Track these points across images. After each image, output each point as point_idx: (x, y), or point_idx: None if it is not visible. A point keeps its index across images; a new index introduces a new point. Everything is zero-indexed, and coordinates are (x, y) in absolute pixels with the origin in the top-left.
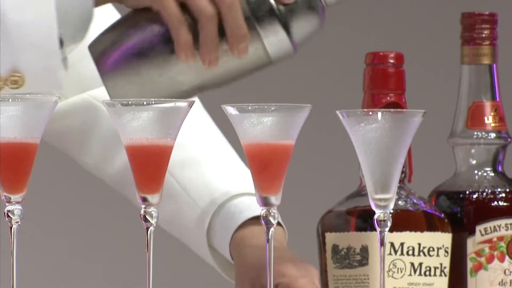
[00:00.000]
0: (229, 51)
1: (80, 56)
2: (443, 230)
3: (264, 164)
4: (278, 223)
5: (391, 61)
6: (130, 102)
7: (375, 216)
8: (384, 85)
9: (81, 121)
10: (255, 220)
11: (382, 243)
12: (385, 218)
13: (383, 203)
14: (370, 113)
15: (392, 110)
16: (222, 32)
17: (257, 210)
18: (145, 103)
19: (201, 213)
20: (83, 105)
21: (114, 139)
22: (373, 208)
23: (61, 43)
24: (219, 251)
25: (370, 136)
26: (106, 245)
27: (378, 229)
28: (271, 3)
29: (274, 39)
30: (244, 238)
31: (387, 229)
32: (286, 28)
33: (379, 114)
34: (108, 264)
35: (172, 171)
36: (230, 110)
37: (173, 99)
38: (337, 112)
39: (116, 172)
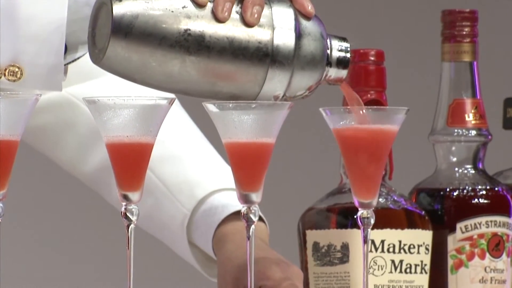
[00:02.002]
0: (240, 15)
1: None
2: (423, 227)
3: (244, 161)
4: (261, 219)
5: (372, 58)
6: (110, 99)
7: (359, 214)
8: (365, 82)
9: (57, 118)
10: (238, 215)
11: (365, 241)
12: (369, 215)
13: (367, 201)
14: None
15: (375, 107)
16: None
17: (239, 205)
18: (125, 100)
19: (181, 207)
20: (60, 101)
21: (90, 137)
22: (357, 205)
23: (66, 49)
24: (200, 247)
25: (353, 133)
26: (91, 242)
27: (362, 227)
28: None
29: (282, 34)
30: (227, 234)
31: (370, 226)
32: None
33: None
34: (91, 262)
35: (152, 166)
36: (211, 107)
37: (154, 97)
38: (320, 109)
39: (91, 171)
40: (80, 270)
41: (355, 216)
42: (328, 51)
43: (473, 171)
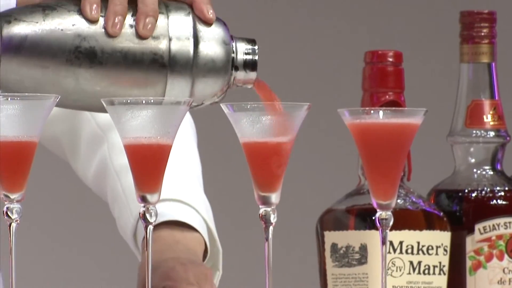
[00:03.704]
0: (134, 28)
1: None
2: (442, 228)
3: (262, 162)
4: (195, 230)
5: (390, 59)
6: (129, 101)
7: (377, 215)
8: (383, 83)
9: (68, 127)
10: (169, 225)
11: (383, 242)
12: (387, 216)
13: (385, 202)
14: (372, 111)
15: (393, 108)
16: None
17: (172, 215)
18: (144, 101)
19: (130, 216)
20: (68, 110)
21: (92, 142)
22: (375, 206)
23: None
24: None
25: (371, 134)
26: (106, 244)
27: (380, 228)
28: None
29: (178, 43)
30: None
31: (388, 227)
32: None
33: (381, 112)
34: (106, 264)
35: (120, 174)
36: (229, 108)
37: (172, 98)
38: (339, 110)
39: (92, 177)
40: (95, 270)
41: (373, 217)
42: (233, 55)
43: (492, 172)
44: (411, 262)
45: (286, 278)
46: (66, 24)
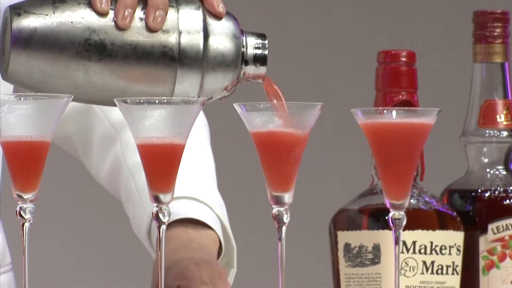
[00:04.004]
0: (144, 21)
1: None
2: (455, 228)
3: (275, 162)
4: (209, 227)
5: (403, 59)
6: (142, 101)
7: (390, 215)
8: (396, 83)
9: (80, 125)
10: (183, 223)
11: (397, 242)
12: (400, 216)
13: (398, 202)
14: (385, 111)
15: (407, 108)
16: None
17: (186, 213)
18: (157, 101)
19: (144, 215)
20: (80, 108)
21: (105, 141)
22: (388, 206)
23: None
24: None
25: (384, 134)
26: (119, 243)
27: (393, 228)
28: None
29: (188, 36)
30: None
31: (402, 227)
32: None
33: (394, 112)
34: (120, 263)
35: (134, 173)
36: (242, 108)
37: (185, 98)
38: (352, 110)
39: (106, 176)
40: (109, 269)
41: (386, 217)
42: (243, 49)
43: (505, 172)
44: (424, 262)
45: (299, 278)
46: (76, 16)
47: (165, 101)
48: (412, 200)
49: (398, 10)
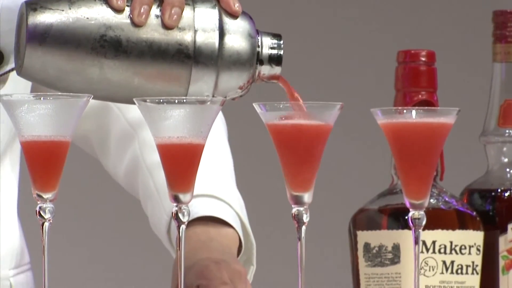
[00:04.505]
0: (160, 19)
1: None
2: (474, 228)
3: (295, 162)
4: (229, 225)
5: (423, 59)
6: (162, 100)
7: (410, 214)
8: (416, 83)
9: (97, 125)
10: (203, 221)
11: (416, 242)
12: (420, 216)
13: (418, 202)
14: (405, 111)
15: (426, 108)
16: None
17: (206, 211)
18: (176, 101)
19: (163, 213)
20: (97, 107)
21: (123, 140)
22: (408, 206)
23: (2, 58)
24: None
25: (404, 134)
26: (138, 242)
27: (413, 228)
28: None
29: (204, 35)
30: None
31: (421, 227)
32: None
33: (414, 112)
34: (140, 262)
35: (152, 171)
36: (261, 108)
37: (204, 97)
38: (371, 110)
39: (123, 175)
40: (129, 268)
41: (406, 217)
42: (259, 49)
43: None
44: (444, 262)
45: (319, 278)
46: (92, 13)
47: (184, 100)
48: (431, 200)
49: (418, 9)
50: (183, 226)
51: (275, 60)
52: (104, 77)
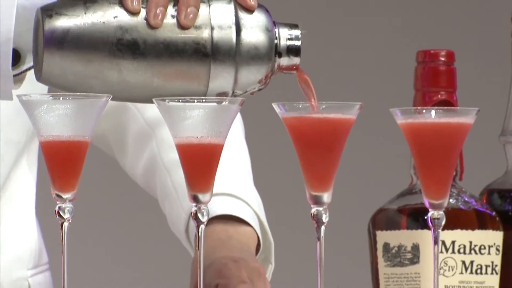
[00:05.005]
0: (176, 19)
1: None
2: (494, 228)
3: (314, 162)
4: (248, 224)
5: (442, 59)
6: (181, 100)
7: (429, 214)
8: (435, 83)
9: (116, 124)
10: (221, 219)
11: (436, 242)
12: (439, 216)
13: (437, 202)
14: (424, 111)
15: (446, 108)
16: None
17: (225, 210)
18: (196, 101)
19: (182, 212)
20: (114, 106)
21: (140, 139)
22: (427, 206)
23: (19, 57)
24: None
25: (423, 134)
26: (158, 241)
27: (432, 228)
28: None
29: (221, 32)
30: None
31: (441, 227)
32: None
33: (433, 112)
34: (159, 261)
35: (170, 170)
36: (280, 108)
37: (224, 98)
38: (391, 110)
39: (141, 174)
40: (148, 268)
41: (425, 217)
42: (276, 41)
43: None
44: (463, 262)
45: (338, 278)
46: (108, 16)
47: (204, 101)
48: (451, 200)
49: (437, 9)
50: (202, 226)
51: (293, 51)
52: (123, 80)
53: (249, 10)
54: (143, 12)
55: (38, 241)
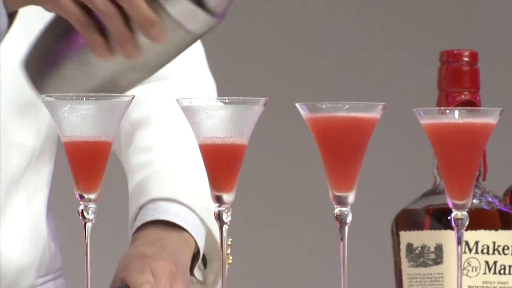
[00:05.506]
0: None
1: None
2: None
3: (337, 162)
4: (182, 229)
5: (466, 59)
6: (203, 101)
7: (452, 215)
8: (458, 83)
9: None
10: (160, 223)
11: (459, 242)
12: (462, 216)
13: (461, 202)
14: (447, 111)
15: (469, 108)
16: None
17: (158, 216)
18: (219, 101)
19: (130, 219)
20: None
21: (125, 142)
22: (450, 206)
23: None
24: None
25: (447, 134)
26: None
27: (455, 228)
28: None
29: (186, 13)
30: (134, 239)
31: (464, 227)
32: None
33: (456, 112)
34: None
35: (132, 173)
36: (304, 108)
37: (246, 98)
38: (414, 110)
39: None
40: None
41: (449, 217)
42: None
43: None
44: (487, 262)
45: (361, 278)
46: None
47: (227, 101)
48: (474, 200)
49: (461, 9)
50: (225, 227)
51: None
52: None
53: None
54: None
55: (51, 247)
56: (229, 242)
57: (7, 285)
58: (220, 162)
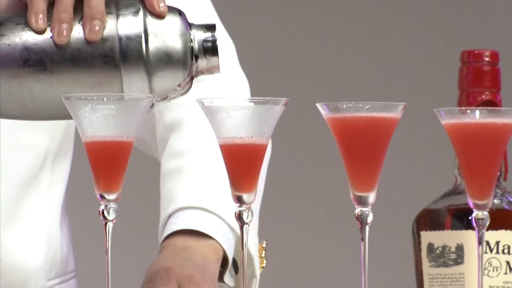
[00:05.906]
0: (82, 33)
1: None
2: None
3: (358, 162)
4: (210, 237)
5: (487, 59)
6: (224, 101)
7: (473, 215)
8: (479, 83)
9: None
10: (187, 232)
11: (480, 242)
12: (483, 216)
13: (481, 202)
14: (468, 111)
15: (490, 108)
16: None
17: (186, 225)
18: (239, 101)
19: (160, 227)
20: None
21: (161, 144)
22: (471, 206)
23: None
24: None
25: (468, 134)
26: None
27: (476, 228)
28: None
29: (128, 42)
30: (162, 248)
31: (485, 227)
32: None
33: (477, 112)
34: None
35: (164, 178)
36: (324, 108)
37: (267, 98)
38: (435, 110)
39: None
40: None
41: (470, 217)
42: (192, 44)
43: None
44: (508, 262)
45: (382, 278)
46: (13, 38)
47: (247, 101)
48: (495, 200)
49: (482, 9)
50: (246, 227)
51: (209, 52)
52: (36, 100)
53: (160, 17)
54: (48, 30)
55: (63, 250)
56: (264, 245)
57: (16, 287)
58: (241, 162)
